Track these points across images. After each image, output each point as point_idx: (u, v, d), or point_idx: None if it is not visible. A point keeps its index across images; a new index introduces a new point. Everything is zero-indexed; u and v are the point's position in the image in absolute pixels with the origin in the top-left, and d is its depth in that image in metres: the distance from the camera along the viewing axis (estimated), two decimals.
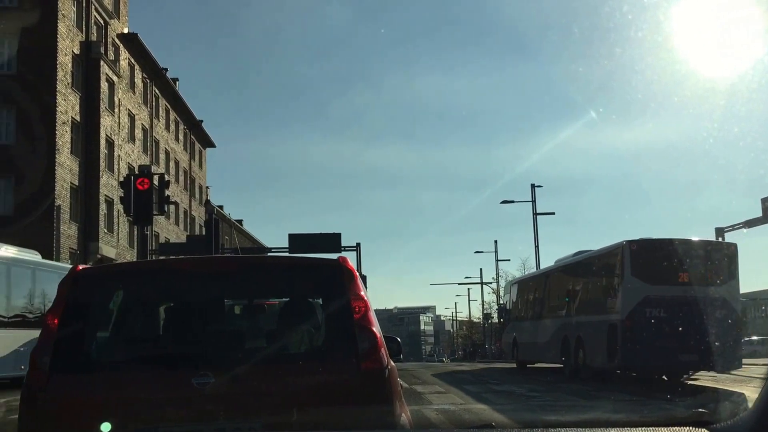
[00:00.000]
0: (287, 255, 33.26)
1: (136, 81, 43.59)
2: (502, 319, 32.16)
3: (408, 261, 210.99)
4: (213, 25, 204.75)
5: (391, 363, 4.16)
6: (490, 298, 63.57)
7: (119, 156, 38.86)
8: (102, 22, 38.53)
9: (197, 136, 58.68)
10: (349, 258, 4.40)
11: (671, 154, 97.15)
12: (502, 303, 35.30)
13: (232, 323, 5.29)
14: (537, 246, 37.67)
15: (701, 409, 2.73)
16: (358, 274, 4.27)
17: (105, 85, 37.03)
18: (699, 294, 15.14)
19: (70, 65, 34.27)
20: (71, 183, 33.88)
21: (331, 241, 35.91)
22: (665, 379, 16.92)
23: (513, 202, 39.90)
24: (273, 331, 4.75)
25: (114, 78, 38.47)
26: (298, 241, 35.46)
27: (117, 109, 38.85)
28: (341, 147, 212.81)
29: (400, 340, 5.10)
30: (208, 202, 59.21)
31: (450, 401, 12.41)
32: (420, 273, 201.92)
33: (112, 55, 39.25)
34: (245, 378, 3.81)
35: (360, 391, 3.91)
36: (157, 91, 48.03)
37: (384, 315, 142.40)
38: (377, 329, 4.07)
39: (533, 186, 38.45)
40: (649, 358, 15.06)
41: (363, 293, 4.13)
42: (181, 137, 54.28)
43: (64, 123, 33.31)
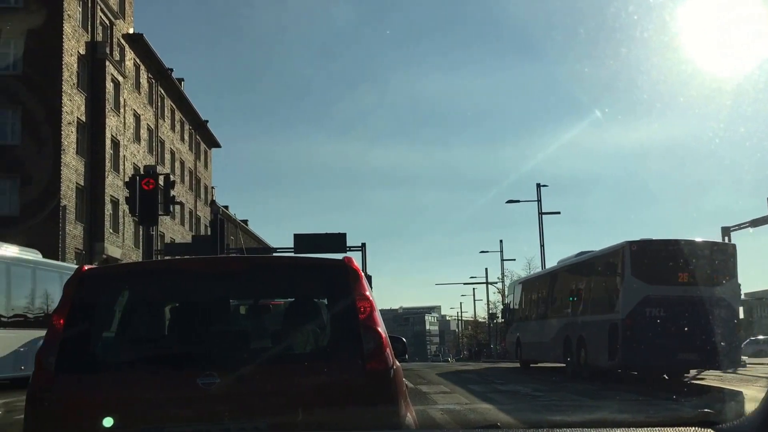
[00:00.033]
0: (292, 255, 33.26)
1: (141, 81, 43.69)
2: (504, 319, 32.25)
3: (413, 261, 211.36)
4: (218, 26, 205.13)
5: (397, 363, 4.15)
6: (495, 297, 63.67)
7: (125, 156, 38.94)
8: (107, 22, 38.63)
9: (202, 136, 58.77)
10: (355, 258, 4.41)
11: (677, 153, 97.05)
12: (506, 303, 35.32)
13: (237, 323, 5.28)
14: (542, 245, 37.65)
15: (707, 410, 2.73)
16: (363, 274, 4.27)
17: (110, 86, 37.13)
18: (699, 294, 15.32)
19: (75, 66, 34.37)
20: (77, 183, 33.97)
21: (337, 241, 35.90)
22: (666, 378, 17.03)
23: (518, 201, 39.84)
24: (278, 332, 4.74)
25: (119, 78, 38.56)
26: (303, 241, 35.46)
27: (122, 110, 38.93)
28: (346, 147, 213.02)
29: (405, 340, 5.09)
30: (213, 202, 59.27)
31: (455, 401, 12.40)
32: (425, 273, 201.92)
33: (117, 56, 39.33)
34: (250, 378, 3.81)
35: (365, 392, 3.90)
36: (163, 92, 48.12)
37: (389, 315, 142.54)
38: (382, 329, 4.07)
39: (539, 185, 38.41)
40: (650, 356, 15.26)
41: (368, 293, 4.12)
42: (187, 137, 54.37)
43: (69, 123, 33.40)
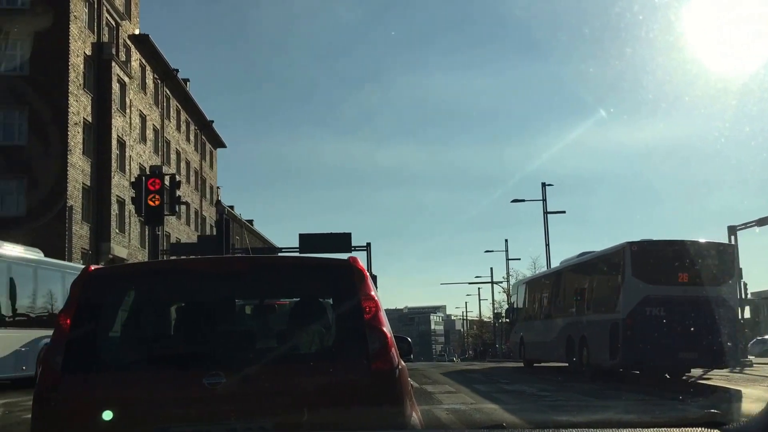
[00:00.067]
0: (298, 255, 33.29)
1: (147, 82, 43.79)
2: (508, 319, 32.33)
3: (418, 260, 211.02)
4: (224, 26, 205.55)
5: (402, 363, 4.15)
6: (500, 297, 63.45)
7: (131, 156, 39.03)
8: (113, 23, 38.72)
9: (208, 136, 58.86)
10: (360, 258, 4.40)
11: (683, 153, 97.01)
12: (510, 302, 35.36)
13: (242, 323, 5.29)
14: (548, 245, 37.63)
15: (713, 410, 2.72)
16: (368, 274, 4.27)
17: (116, 86, 37.22)
18: (698, 293, 15.43)
19: (81, 66, 34.47)
20: (83, 183, 34.06)
21: (342, 241, 35.89)
22: (668, 377, 17.08)
23: (524, 201, 39.82)
24: (283, 331, 4.75)
25: (125, 79, 38.65)
26: (308, 241, 35.45)
27: (128, 110, 39.02)
28: (352, 147, 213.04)
29: (410, 339, 5.10)
30: (218, 202, 59.37)
31: (460, 401, 12.39)
32: (430, 272, 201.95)
33: (123, 56, 39.43)
34: (256, 378, 3.82)
35: (370, 391, 3.91)
36: (168, 92, 48.22)
37: (394, 315, 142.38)
38: (388, 329, 4.07)
39: (544, 185, 38.36)
40: (650, 356, 15.37)
41: (373, 293, 4.12)
42: (192, 137, 54.46)
43: (76, 124, 33.49)
